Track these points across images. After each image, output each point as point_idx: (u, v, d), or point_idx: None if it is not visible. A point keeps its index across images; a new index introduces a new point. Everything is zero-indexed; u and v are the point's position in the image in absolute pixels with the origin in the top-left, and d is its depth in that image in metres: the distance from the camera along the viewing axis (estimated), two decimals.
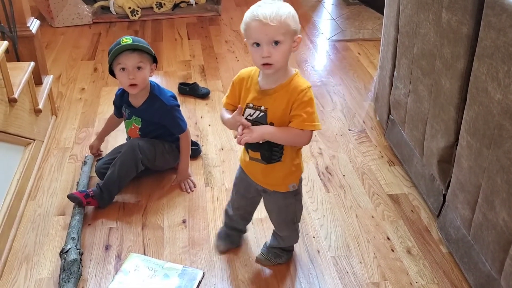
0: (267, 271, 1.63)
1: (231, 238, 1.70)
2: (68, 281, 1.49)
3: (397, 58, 2.05)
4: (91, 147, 2.14)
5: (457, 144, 1.60)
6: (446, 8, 1.54)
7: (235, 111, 1.33)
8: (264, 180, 1.46)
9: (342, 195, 1.97)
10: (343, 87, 2.79)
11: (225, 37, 3.45)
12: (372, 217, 1.87)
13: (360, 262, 1.67)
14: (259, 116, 1.33)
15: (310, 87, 1.31)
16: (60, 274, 1.54)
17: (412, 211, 1.89)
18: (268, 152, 1.37)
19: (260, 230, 1.79)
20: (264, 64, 1.25)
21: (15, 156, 1.91)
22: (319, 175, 2.07)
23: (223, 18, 3.75)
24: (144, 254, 1.69)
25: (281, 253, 1.64)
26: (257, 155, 1.39)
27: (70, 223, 1.73)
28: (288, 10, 1.23)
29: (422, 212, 1.88)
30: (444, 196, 1.74)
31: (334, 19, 3.79)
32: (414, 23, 1.80)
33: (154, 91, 1.91)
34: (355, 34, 3.51)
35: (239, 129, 1.31)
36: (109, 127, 2.15)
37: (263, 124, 1.31)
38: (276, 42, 1.22)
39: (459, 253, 1.61)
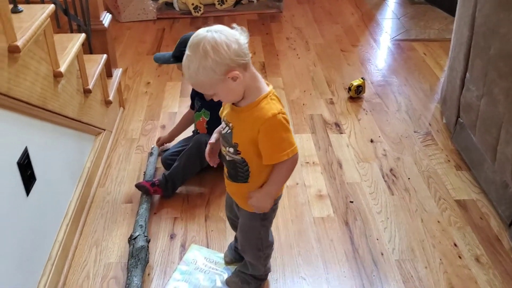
0: (329, 270, 1.62)
1: (238, 251, 1.59)
2: (136, 267, 1.54)
3: (470, 59, 1.98)
4: (160, 141, 2.17)
5: None
6: None
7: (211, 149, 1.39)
8: (233, 195, 1.39)
9: (407, 198, 1.93)
10: (408, 88, 2.73)
11: (286, 34, 3.44)
12: (438, 222, 1.82)
13: (426, 267, 1.63)
14: (227, 132, 1.25)
15: (277, 114, 1.16)
16: (128, 260, 1.59)
17: (481, 218, 1.82)
18: (233, 170, 1.29)
19: (322, 229, 1.78)
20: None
21: (86, 144, 1.99)
22: (383, 177, 2.04)
23: (284, 15, 3.75)
24: (207, 245, 1.72)
25: (250, 280, 1.52)
26: (226, 169, 1.33)
27: (138, 211, 1.78)
28: (197, 66, 1.11)
29: (492, 220, 1.81)
30: None
31: (398, 18, 3.71)
32: (492, 23, 1.73)
33: None
34: (420, 34, 3.42)
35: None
36: (182, 125, 2.17)
37: (228, 140, 1.25)
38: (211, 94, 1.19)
39: None
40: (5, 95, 1.23)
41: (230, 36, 1.12)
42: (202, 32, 1.13)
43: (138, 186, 1.86)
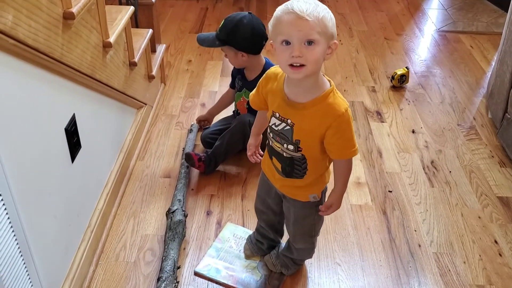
0: (365, 257, 1.60)
1: (259, 245, 1.57)
2: (174, 240, 1.55)
3: None
4: (199, 121, 2.17)
5: None
6: None
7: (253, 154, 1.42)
8: (282, 188, 1.34)
9: (447, 192, 1.88)
10: (453, 80, 2.65)
11: None
12: (479, 217, 1.77)
13: (464, 262, 1.60)
14: (284, 128, 1.19)
15: (348, 107, 1.13)
16: (166, 233, 1.61)
17: None
18: (289, 167, 1.25)
19: (359, 217, 1.76)
20: (293, 66, 1.05)
21: (128, 117, 2.01)
22: (423, 169, 1.99)
23: (328, 0, 3.69)
24: (243, 224, 1.72)
25: (290, 265, 1.51)
26: (279, 165, 1.27)
27: (176, 186, 1.80)
28: (327, 10, 1.06)
29: None
30: None
31: (446, 9, 3.60)
32: None
33: (266, 68, 1.92)
34: (467, 26, 3.32)
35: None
36: (221, 105, 2.17)
37: (287, 137, 1.19)
38: (310, 42, 1.03)
39: None
40: (58, 61, 1.25)
41: None
42: None
43: (187, 155, 1.87)
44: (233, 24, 1.82)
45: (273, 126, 1.22)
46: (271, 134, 1.25)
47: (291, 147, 1.20)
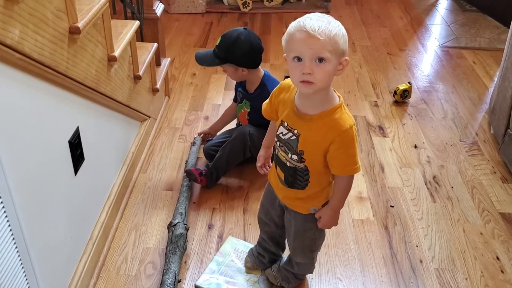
0: (366, 273, 1.60)
1: (261, 258, 1.57)
2: (175, 254, 1.55)
3: None
4: (203, 134, 2.19)
5: None
6: None
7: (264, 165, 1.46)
8: (284, 199, 1.35)
9: (449, 207, 1.88)
10: (455, 96, 2.66)
11: None
12: (481, 234, 1.77)
13: (466, 279, 1.59)
14: (291, 138, 1.21)
15: (353, 124, 1.16)
16: (167, 246, 1.61)
17: None
18: (292, 177, 1.26)
19: (360, 232, 1.76)
20: (304, 82, 1.09)
21: (132, 130, 2.03)
22: (425, 184, 2.00)
23: (332, 16, 3.70)
24: (245, 238, 1.72)
25: (291, 279, 1.51)
26: (282, 175, 1.29)
27: (178, 199, 1.81)
28: (339, 27, 1.08)
29: None
30: None
31: (448, 25, 3.62)
32: None
33: (264, 80, 1.94)
34: (470, 42, 3.33)
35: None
36: (225, 118, 2.18)
37: (292, 147, 1.21)
38: (321, 59, 1.05)
39: None
40: (63, 74, 1.27)
41: None
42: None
43: (188, 172, 1.88)
44: (231, 42, 1.84)
45: (280, 135, 1.24)
46: (277, 142, 1.27)
47: (294, 157, 1.22)
